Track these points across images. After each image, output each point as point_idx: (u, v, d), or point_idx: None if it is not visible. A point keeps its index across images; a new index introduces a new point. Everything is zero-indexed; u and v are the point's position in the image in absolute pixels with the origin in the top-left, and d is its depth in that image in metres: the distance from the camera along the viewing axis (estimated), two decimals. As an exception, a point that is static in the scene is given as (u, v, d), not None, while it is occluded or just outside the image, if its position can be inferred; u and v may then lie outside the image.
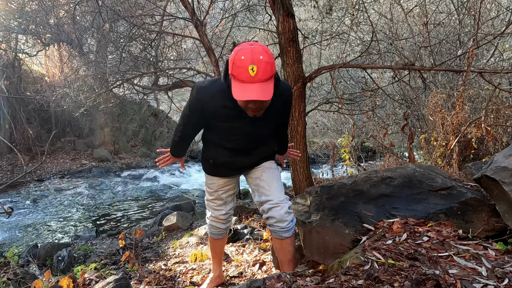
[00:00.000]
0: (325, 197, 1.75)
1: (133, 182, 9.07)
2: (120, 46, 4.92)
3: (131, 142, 12.73)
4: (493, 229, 1.46)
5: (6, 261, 3.61)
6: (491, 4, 4.55)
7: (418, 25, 4.76)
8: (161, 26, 4.85)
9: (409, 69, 2.66)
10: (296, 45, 2.70)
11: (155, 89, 5.29)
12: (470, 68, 2.51)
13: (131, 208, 6.70)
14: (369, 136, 5.35)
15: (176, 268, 2.67)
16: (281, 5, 2.59)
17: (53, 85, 9.35)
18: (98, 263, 3.59)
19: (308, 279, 1.28)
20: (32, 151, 10.21)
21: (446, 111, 3.57)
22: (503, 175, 1.36)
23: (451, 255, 1.23)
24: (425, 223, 1.49)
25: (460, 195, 1.58)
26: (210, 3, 4.43)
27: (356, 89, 5.58)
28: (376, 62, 4.04)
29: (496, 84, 2.96)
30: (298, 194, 2.89)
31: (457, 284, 1.04)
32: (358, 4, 4.32)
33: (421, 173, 1.75)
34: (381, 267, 1.17)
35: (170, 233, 4.31)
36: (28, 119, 10.49)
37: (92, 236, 5.03)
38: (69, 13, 6.86)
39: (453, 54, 4.32)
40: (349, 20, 4.92)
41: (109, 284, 2.00)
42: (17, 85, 9.83)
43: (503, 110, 3.27)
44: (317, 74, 2.78)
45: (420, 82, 4.32)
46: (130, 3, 5.12)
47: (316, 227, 1.64)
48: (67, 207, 6.90)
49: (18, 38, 9.84)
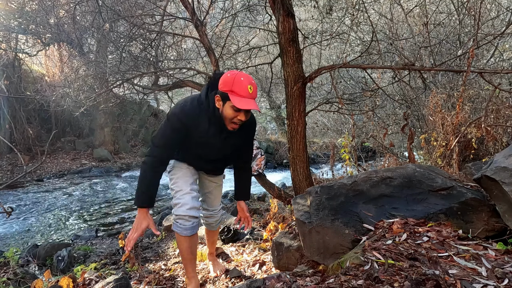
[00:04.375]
0: (325, 197, 1.75)
1: (133, 182, 9.07)
2: (120, 46, 4.92)
3: (131, 142, 12.73)
4: (493, 229, 1.46)
5: (6, 260, 3.60)
6: (491, 4, 4.55)
7: (418, 25, 4.76)
8: (161, 26, 4.85)
9: (409, 69, 2.66)
10: (296, 45, 2.70)
11: (155, 89, 5.28)
12: (470, 68, 2.51)
13: (131, 208, 6.70)
14: (369, 136, 5.35)
15: (176, 268, 2.67)
16: (281, 5, 2.59)
17: (53, 85, 9.34)
18: (98, 263, 3.59)
19: (308, 279, 1.28)
20: (32, 151, 10.21)
21: (446, 111, 3.56)
22: (503, 175, 1.36)
23: (451, 255, 1.23)
24: (425, 223, 1.49)
25: (460, 195, 1.58)
26: (210, 3, 4.42)
27: (356, 89, 5.58)
28: (376, 62, 4.03)
29: (496, 84, 2.96)
30: (298, 194, 2.89)
31: (457, 284, 1.04)
32: (358, 4, 4.32)
33: (421, 173, 1.75)
34: (381, 267, 1.17)
35: (170, 233, 4.31)
36: (28, 119, 10.49)
37: (92, 236, 5.03)
38: (69, 13, 6.85)
39: (453, 54, 4.32)
40: (349, 20, 4.92)
41: (109, 284, 2.00)
42: (17, 85, 9.84)
43: (503, 110, 3.27)
44: (317, 74, 2.78)
45: (420, 82, 4.32)
46: (130, 3, 5.11)
47: (316, 227, 1.64)
48: (67, 207, 6.90)
49: (18, 38, 9.84)
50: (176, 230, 1.85)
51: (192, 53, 6.49)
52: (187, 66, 5.74)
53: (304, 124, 2.85)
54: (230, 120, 1.70)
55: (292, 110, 2.79)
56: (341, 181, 1.85)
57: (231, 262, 2.55)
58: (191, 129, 1.75)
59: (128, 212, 6.43)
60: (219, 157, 1.98)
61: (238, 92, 1.62)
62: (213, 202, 2.20)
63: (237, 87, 1.62)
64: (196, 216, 1.84)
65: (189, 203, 1.82)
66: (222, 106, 1.70)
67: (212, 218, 2.24)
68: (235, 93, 1.62)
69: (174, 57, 6.12)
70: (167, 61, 5.79)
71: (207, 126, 1.76)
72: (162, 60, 5.42)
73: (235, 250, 2.78)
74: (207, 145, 1.84)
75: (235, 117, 1.68)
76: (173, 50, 5.99)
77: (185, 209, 1.80)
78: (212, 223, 2.27)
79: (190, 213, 1.80)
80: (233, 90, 1.62)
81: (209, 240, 2.46)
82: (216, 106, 1.72)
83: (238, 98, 1.62)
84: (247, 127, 1.91)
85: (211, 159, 1.97)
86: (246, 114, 1.70)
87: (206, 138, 1.80)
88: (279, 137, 13.13)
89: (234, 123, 1.72)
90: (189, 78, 5.11)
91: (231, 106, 1.65)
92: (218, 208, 2.25)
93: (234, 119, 1.69)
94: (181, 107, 1.75)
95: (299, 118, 2.80)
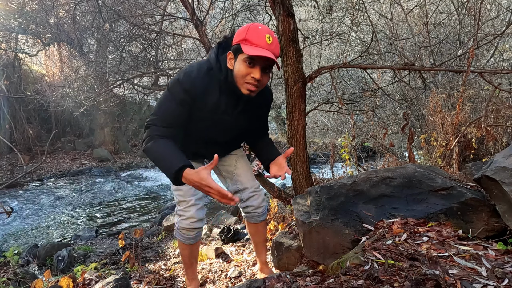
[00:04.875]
0: (325, 197, 1.75)
1: (133, 182, 9.07)
2: (120, 46, 4.92)
3: (131, 142, 12.73)
4: (493, 229, 1.46)
5: (6, 260, 3.61)
6: (491, 4, 4.55)
7: (418, 25, 4.76)
8: (161, 26, 4.85)
9: (409, 69, 2.66)
10: (296, 45, 2.69)
11: (155, 89, 5.29)
12: (470, 68, 2.51)
13: (131, 208, 6.70)
14: (369, 136, 5.34)
15: (176, 268, 2.67)
16: (281, 5, 2.59)
17: (53, 85, 9.35)
18: (98, 263, 3.59)
19: (308, 279, 1.28)
20: (32, 151, 10.21)
21: (446, 111, 3.56)
22: (503, 175, 1.36)
23: (451, 255, 1.23)
24: (425, 223, 1.49)
25: (460, 195, 1.58)
26: (210, 3, 4.42)
27: (356, 89, 5.58)
28: (376, 62, 4.03)
29: (496, 84, 2.95)
30: (298, 194, 2.89)
31: (457, 284, 1.04)
32: (358, 4, 4.32)
33: (421, 173, 1.75)
34: (381, 267, 1.17)
35: (170, 233, 4.31)
36: (28, 119, 10.49)
37: (92, 236, 5.03)
38: (69, 13, 6.85)
39: (453, 54, 4.32)
40: (349, 20, 4.92)
41: (109, 284, 2.00)
42: (17, 85, 9.84)
43: (503, 110, 3.27)
44: (317, 74, 2.78)
45: (420, 82, 4.32)
46: (130, 3, 5.12)
47: (316, 227, 1.64)
48: (67, 207, 6.90)
49: (18, 38, 9.84)
50: (179, 238, 1.72)
51: (192, 53, 6.49)
52: (187, 66, 5.73)
53: (304, 124, 2.85)
54: (243, 79, 1.32)
55: (292, 110, 2.78)
56: (341, 181, 1.85)
57: (231, 262, 2.55)
58: (197, 102, 1.38)
59: (128, 212, 6.43)
60: (227, 138, 1.58)
61: (252, 41, 1.27)
62: (244, 178, 1.72)
63: (252, 35, 1.27)
64: (201, 226, 1.69)
65: (195, 216, 1.62)
66: (233, 65, 1.33)
67: (256, 198, 1.72)
68: (249, 41, 1.27)
69: (174, 57, 6.13)
70: (167, 61, 5.80)
71: (217, 96, 1.39)
72: (162, 60, 5.43)
73: (235, 250, 2.78)
74: (215, 123, 1.46)
75: (248, 75, 1.30)
76: (173, 50, 6.00)
77: (189, 222, 1.64)
78: (258, 207, 1.72)
79: (195, 225, 1.65)
80: (247, 39, 1.27)
81: (256, 242, 1.88)
82: (229, 67, 1.35)
83: (249, 46, 1.27)
84: (264, 97, 1.53)
85: (220, 140, 1.57)
86: (262, 74, 1.31)
87: (215, 115, 1.43)
88: (279, 137, 13.12)
89: (248, 83, 1.32)
90: (189, 78, 5.11)
91: (243, 60, 1.29)
92: (257, 184, 1.74)
93: (247, 77, 1.31)
94: (186, 74, 1.36)
95: (299, 118, 2.80)
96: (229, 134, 1.56)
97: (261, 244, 1.92)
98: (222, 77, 1.36)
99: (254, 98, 1.41)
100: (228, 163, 1.74)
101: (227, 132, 1.54)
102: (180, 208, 1.67)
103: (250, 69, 1.29)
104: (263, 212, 1.79)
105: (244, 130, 1.59)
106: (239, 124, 1.51)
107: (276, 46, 1.30)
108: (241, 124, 1.53)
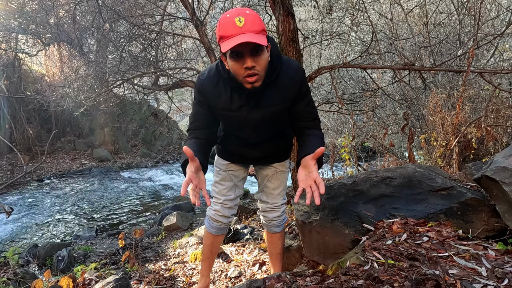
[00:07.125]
0: (325, 197, 1.75)
1: (133, 182, 9.08)
2: (120, 46, 4.92)
3: (131, 142, 12.73)
4: (493, 229, 1.46)
5: (6, 261, 3.61)
6: (491, 4, 4.55)
7: (418, 25, 4.76)
8: (161, 26, 4.85)
9: (409, 69, 2.66)
10: (296, 45, 2.70)
11: (155, 89, 5.29)
12: (470, 68, 2.51)
13: (131, 208, 6.70)
14: (369, 136, 5.35)
15: (176, 268, 2.67)
16: (281, 5, 2.59)
17: (53, 85, 9.36)
18: (98, 263, 3.59)
19: (308, 279, 1.28)
20: (32, 151, 10.22)
21: (446, 111, 3.56)
22: (503, 175, 1.36)
23: (451, 255, 1.23)
24: (425, 223, 1.49)
25: (460, 195, 1.58)
26: (210, 3, 4.42)
27: (356, 89, 5.58)
28: (376, 62, 4.03)
29: (496, 84, 2.96)
30: (298, 194, 2.89)
31: (457, 284, 1.04)
32: (358, 4, 4.32)
33: (421, 173, 1.75)
34: (381, 267, 1.17)
35: (170, 233, 4.31)
36: (28, 119, 10.49)
37: (92, 236, 5.03)
38: (69, 13, 6.86)
39: (453, 54, 4.32)
40: (349, 20, 4.92)
41: (109, 284, 2.00)
42: (17, 85, 9.84)
43: (503, 110, 3.27)
44: (317, 74, 2.78)
45: (420, 82, 4.32)
46: (130, 3, 5.12)
47: (316, 227, 1.64)
48: (67, 207, 6.90)
49: (18, 38, 9.85)
50: (206, 225, 1.85)
51: (192, 53, 6.49)
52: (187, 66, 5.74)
53: (304, 124, 2.85)
54: (240, 75, 1.28)
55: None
56: (341, 181, 1.85)
57: (231, 262, 2.55)
58: (211, 101, 1.43)
59: (128, 212, 6.43)
60: (256, 138, 1.57)
61: (225, 34, 1.21)
62: (269, 194, 1.77)
63: (223, 28, 1.21)
64: (224, 222, 1.79)
65: (220, 211, 1.75)
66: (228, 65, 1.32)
67: (271, 213, 1.78)
68: (224, 37, 1.22)
69: (174, 57, 6.12)
70: (167, 61, 5.80)
71: (228, 94, 1.40)
72: (162, 60, 5.43)
73: (235, 250, 2.78)
74: (235, 121, 1.48)
75: (240, 68, 1.26)
76: (173, 50, 6.00)
77: (215, 213, 1.77)
78: (273, 219, 1.78)
79: (219, 218, 1.77)
80: (221, 35, 1.23)
81: (271, 253, 1.92)
82: (227, 69, 1.35)
83: (227, 41, 1.21)
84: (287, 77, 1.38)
85: (251, 141, 1.58)
86: (252, 59, 1.23)
87: (230, 112, 1.44)
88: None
89: (245, 76, 1.27)
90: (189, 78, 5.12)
91: (229, 57, 1.26)
92: (280, 202, 1.77)
93: (240, 70, 1.26)
94: (199, 76, 1.46)
95: (299, 118, 2.80)
96: (254, 132, 1.53)
97: (275, 256, 1.91)
98: (226, 77, 1.37)
99: (270, 86, 1.36)
100: (265, 174, 1.77)
101: (252, 131, 1.52)
102: (213, 201, 1.79)
103: (239, 62, 1.24)
104: (278, 224, 1.82)
105: (270, 125, 1.51)
106: (258, 119, 1.45)
107: (252, 22, 1.21)
108: (262, 119, 1.45)
